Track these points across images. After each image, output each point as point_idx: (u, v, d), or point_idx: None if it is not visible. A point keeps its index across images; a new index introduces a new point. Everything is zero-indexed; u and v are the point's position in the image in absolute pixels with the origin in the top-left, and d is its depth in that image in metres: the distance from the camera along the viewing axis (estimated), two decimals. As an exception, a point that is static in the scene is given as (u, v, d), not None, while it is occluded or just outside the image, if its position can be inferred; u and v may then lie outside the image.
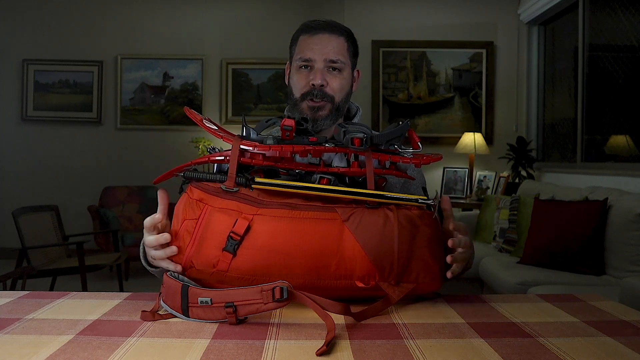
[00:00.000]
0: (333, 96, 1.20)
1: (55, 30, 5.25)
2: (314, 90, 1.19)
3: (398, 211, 0.95)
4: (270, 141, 0.98)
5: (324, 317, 0.81)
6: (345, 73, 1.22)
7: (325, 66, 1.19)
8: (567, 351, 0.75)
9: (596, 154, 4.08)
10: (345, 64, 1.21)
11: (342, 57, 1.20)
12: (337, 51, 1.20)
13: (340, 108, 1.23)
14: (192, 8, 5.26)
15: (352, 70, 1.27)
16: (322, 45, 1.20)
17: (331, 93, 1.20)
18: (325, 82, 1.19)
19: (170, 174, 1.02)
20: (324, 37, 1.20)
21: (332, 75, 1.20)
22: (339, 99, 1.22)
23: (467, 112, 5.19)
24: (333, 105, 1.21)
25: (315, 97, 1.19)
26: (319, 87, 1.19)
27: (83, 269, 3.27)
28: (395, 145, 1.02)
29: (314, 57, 1.19)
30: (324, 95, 1.19)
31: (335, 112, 1.22)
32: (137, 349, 0.75)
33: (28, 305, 0.97)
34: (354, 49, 1.26)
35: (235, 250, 0.91)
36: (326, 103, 1.20)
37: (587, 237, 2.77)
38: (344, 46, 1.22)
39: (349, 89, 1.25)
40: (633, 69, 3.65)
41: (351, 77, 1.26)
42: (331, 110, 1.21)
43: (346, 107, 1.27)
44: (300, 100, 1.21)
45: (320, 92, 1.19)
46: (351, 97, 1.30)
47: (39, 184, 5.24)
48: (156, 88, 5.31)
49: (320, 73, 1.19)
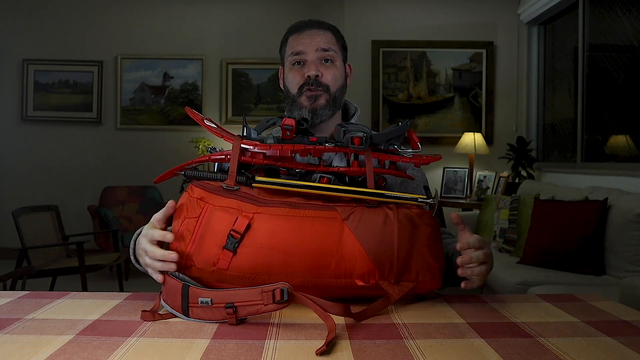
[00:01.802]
0: (328, 85, 1.23)
1: (55, 30, 5.25)
2: (310, 81, 1.22)
3: (398, 210, 0.95)
4: (270, 140, 0.99)
5: (325, 318, 0.81)
6: (337, 63, 1.25)
7: (317, 57, 1.23)
8: (567, 351, 0.75)
9: (596, 154, 4.08)
10: (337, 53, 1.25)
11: (332, 47, 1.24)
12: (326, 41, 1.24)
13: (337, 99, 1.25)
14: (192, 8, 5.26)
15: (344, 62, 1.30)
16: (311, 38, 1.24)
17: (326, 82, 1.23)
18: (319, 73, 1.22)
19: (171, 173, 1.02)
20: (312, 31, 1.25)
21: (325, 66, 1.23)
22: (335, 89, 1.24)
23: (467, 112, 5.19)
24: (329, 95, 1.23)
25: (311, 85, 1.22)
26: (314, 77, 1.21)
27: (83, 269, 3.27)
28: (394, 145, 1.02)
29: (305, 49, 1.23)
30: (320, 84, 1.22)
31: (333, 102, 1.24)
32: (137, 349, 0.75)
33: (28, 305, 0.97)
34: (342, 43, 1.29)
35: (235, 248, 0.91)
36: (322, 92, 1.22)
37: (587, 237, 2.77)
38: (332, 39, 1.26)
39: (343, 81, 1.28)
40: (633, 69, 3.64)
41: (344, 70, 1.29)
42: (328, 100, 1.23)
43: (342, 99, 1.30)
44: (298, 94, 1.23)
45: (316, 82, 1.22)
46: (346, 94, 1.32)
47: (39, 184, 5.23)
48: (156, 88, 5.31)
49: (314, 65, 1.22)
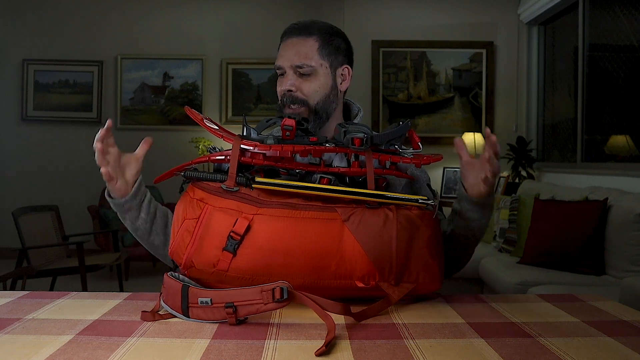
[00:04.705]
0: (305, 99, 1.18)
1: (55, 30, 5.25)
2: (284, 97, 1.18)
3: (398, 211, 0.95)
4: (270, 141, 0.98)
5: (324, 317, 0.81)
6: (319, 75, 1.18)
7: (293, 72, 1.18)
8: (567, 351, 0.75)
9: (596, 154, 4.08)
10: (314, 67, 1.17)
11: (308, 61, 1.16)
12: (302, 55, 1.16)
13: (319, 111, 1.19)
14: (192, 8, 5.26)
15: (335, 68, 1.21)
16: (289, 52, 1.18)
17: (302, 97, 1.18)
18: (294, 87, 1.17)
19: (171, 173, 1.02)
20: (292, 41, 1.18)
21: (303, 79, 1.18)
22: (314, 102, 1.18)
23: (467, 112, 5.19)
24: (309, 108, 1.18)
25: (287, 102, 1.18)
26: (287, 92, 1.18)
27: (83, 269, 3.27)
28: (395, 146, 1.02)
29: (282, 64, 1.19)
30: (295, 100, 1.18)
31: (315, 114, 1.19)
32: (137, 349, 0.75)
33: (28, 305, 0.97)
34: (330, 48, 1.20)
35: (235, 250, 0.91)
36: (300, 107, 1.18)
37: (587, 237, 2.77)
38: (313, 47, 1.18)
39: (329, 90, 1.20)
40: (633, 69, 3.64)
41: (332, 77, 1.21)
42: (308, 115, 1.18)
43: (332, 107, 1.22)
44: (282, 105, 1.20)
45: (290, 98, 1.18)
46: (344, 97, 1.27)
47: (39, 184, 5.23)
48: (156, 88, 5.31)
49: (290, 79, 1.17)
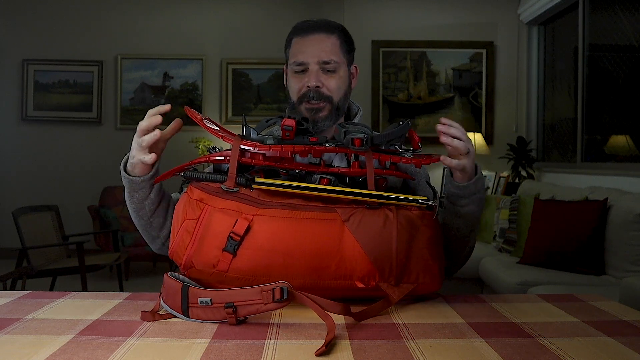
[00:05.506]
0: (330, 96, 1.19)
1: (55, 30, 5.25)
2: (310, 92, 1.18)
3: (398, 212, 0.95)
4: (270, 141, 0.98)
5: (324, 317, 0.81)
6: (341, 72, 1.20)
7: (319, 68, 1.18)
8: (567, 351, 0.75)
9: (596, 154, 4.08)
10: (339, 63, 1.19)
11: (335, 57, 1.19)
12: (329, 51, 1.18)
13: (340, 107, 1.22)
14: (192, 8, 5.26)
15: (349, 66, 1.24)
16: (313, 47, 1.18)
17: (328, 93, 1.19)
18: (320, 83, 1.18)
19: (171, 173, 1.02)
20: (316, 37, 1.19)
21: (327, 75, 1.19)
22: (337, 98, 1.20)
23: (467, 112, 5.19)
24: (332, 106, 1.19)
25: (312, 99, 1.18)
26: (314, 88, 1.17)
27: (83, 269, 3.27)
28: (395, 146, 1.02)
29: (306, 59, 1.18)
30: (321, 96, 1.18)
31: (336, 112, 1.20)
32: (137, 349, 0.75)
33: (28, 305, 0.97)
34: (347, 46, 1.23)
35: (235, 250, 0.91)
36: (325, 104, 1.18)
37: (587, 237, 2.77)
38: (336, 44, 1.20)
39: (347, 87, 1.23)
40: (633, 69, 3.64)
41: (348, 75, 1.24)
42: (331, 111, 1.19)
43: (346, 105, 1.26)
44: (298, 103, 1.20)
45: (317, 94, 1.18)
46: (351, 95, 1.28)
47: (39, 184, 5.23)
48: (156, 88, 5.31)
49: (315, 74, 1.18)
